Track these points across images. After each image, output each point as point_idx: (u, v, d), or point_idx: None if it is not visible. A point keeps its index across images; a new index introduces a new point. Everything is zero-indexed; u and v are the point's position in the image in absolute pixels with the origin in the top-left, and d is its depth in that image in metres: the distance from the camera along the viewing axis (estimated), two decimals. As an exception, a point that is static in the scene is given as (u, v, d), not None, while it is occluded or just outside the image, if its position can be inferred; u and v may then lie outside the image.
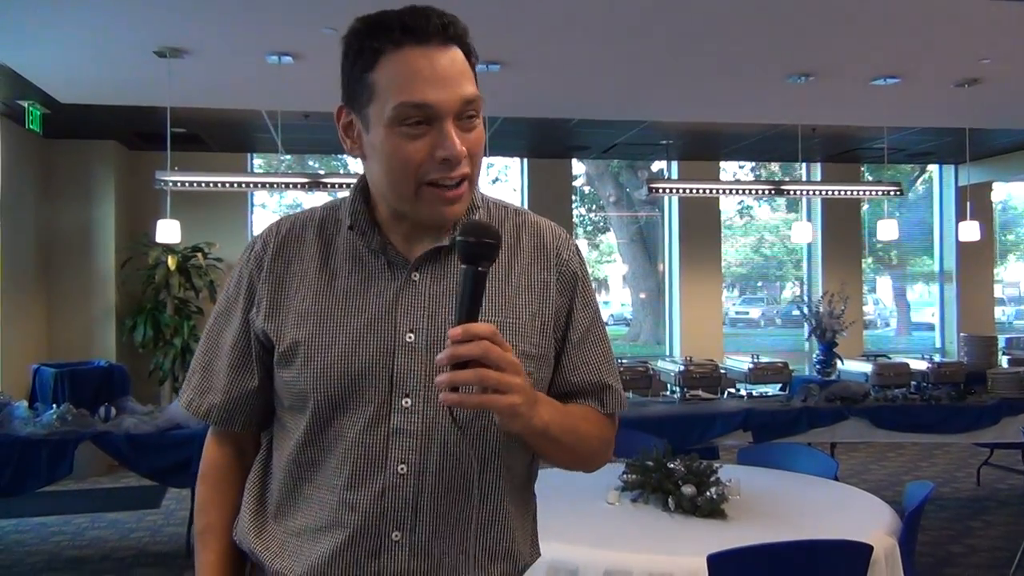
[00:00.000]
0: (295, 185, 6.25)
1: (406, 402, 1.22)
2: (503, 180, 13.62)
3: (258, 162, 9.18)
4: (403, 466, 1.22)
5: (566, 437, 1.27)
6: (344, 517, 1.23)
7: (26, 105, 6.44)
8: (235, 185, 6.32)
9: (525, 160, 9.33)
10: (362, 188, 1.30)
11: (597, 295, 1.44)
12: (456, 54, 1.18)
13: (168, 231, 5.89)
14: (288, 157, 9.33)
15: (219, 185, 6.09)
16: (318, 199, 9.95)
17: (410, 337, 1.23)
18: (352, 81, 1.20)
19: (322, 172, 9.72)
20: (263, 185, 7.07)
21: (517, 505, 1.33)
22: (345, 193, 1.38)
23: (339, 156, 9.73)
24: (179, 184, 5.95)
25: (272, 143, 7.06)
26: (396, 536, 1.22)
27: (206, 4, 4.43)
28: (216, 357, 1.35)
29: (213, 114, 6.87)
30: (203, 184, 6.05)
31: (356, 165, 9.81)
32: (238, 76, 5.69)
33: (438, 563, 1.24)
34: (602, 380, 1.36)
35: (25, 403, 4.79)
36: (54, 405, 4.73)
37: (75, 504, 5.94)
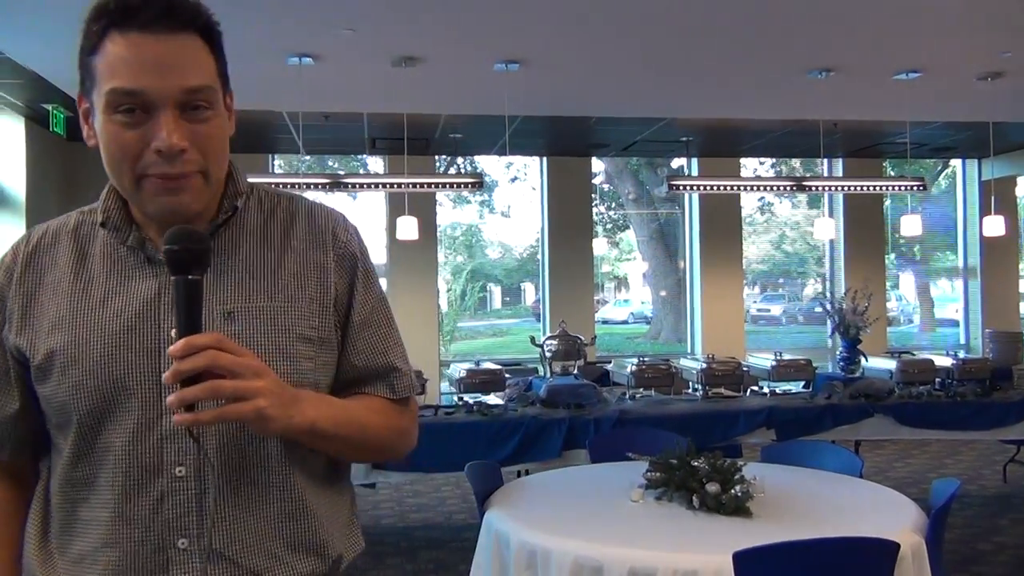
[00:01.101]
0: (315, 186, 6.28)
1: None
2: (522, 179, 13.62)
3: (278, 163, 9.23)
4: (181, 468, 1.14)
5: (344, 431, 1.21)
6: (121, 532, 1.14)
7: (50, 108, 6.51)
8: (256, 186, 6.35)
9: (544, 159, 9.34)
10: None
11: (617, 293, 1.40)
12: (187, 41, 1.12)
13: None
14: (308, 158, 9.38)
15: (240, 186, 6.13)
16: (338, 199, 10.02)
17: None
18: (80, 66, 1.14)
19: (342, 172, 9.75)
20: (283, 186, 7.09)
21: (321, 497, 1.26)
22: (363, 193, 1.32)
23: (359, 156, 9.76)
24: (201, 186, 6.01)
25: (292, 144, 7.10)
26: (183, 544, 1.14)
27: (226, 7, 4.46)
28: None
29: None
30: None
31: (376, 165, 9.84)
32: (259, 78, 5.73)
33: (235, 564, 1.16)
34: (389, 362, 1.30)
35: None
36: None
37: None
